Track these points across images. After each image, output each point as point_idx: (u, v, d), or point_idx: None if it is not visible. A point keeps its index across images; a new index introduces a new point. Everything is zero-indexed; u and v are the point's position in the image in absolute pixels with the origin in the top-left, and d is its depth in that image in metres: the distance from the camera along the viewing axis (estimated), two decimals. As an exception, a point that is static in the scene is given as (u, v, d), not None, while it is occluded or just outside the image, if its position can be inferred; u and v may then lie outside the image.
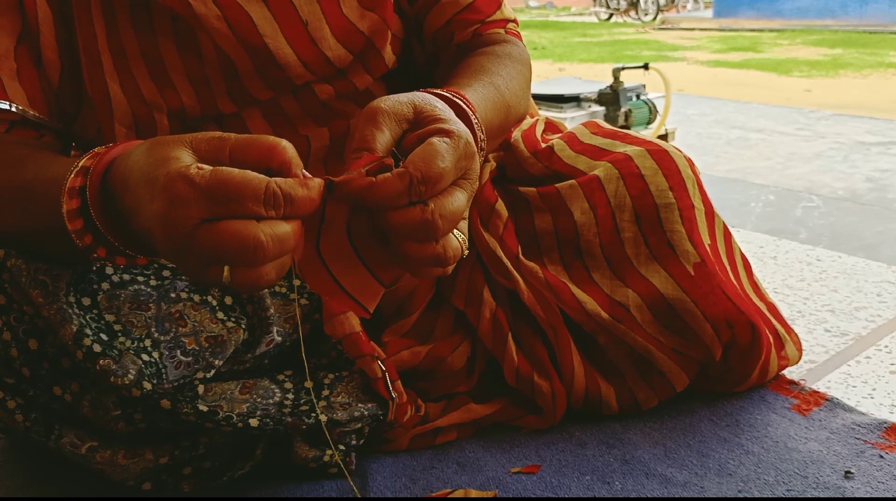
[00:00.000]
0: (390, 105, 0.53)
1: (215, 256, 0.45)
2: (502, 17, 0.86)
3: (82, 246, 0.54)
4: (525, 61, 0.85)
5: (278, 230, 0.46)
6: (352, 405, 0.74)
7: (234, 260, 0.46)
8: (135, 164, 0.49)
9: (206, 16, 0.69)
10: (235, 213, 0.45)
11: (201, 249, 0.45)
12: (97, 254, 0.55)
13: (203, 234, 0.45)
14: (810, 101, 4.23)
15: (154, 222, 0.46)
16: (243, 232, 0.45)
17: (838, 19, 10.78)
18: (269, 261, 0.46)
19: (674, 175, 0.84)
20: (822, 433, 0.83)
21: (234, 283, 0.46)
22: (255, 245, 0.45)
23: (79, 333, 0.63)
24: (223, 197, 0.45)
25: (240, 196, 0.45)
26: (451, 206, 0.50)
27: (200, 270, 0.47)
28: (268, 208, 0.45)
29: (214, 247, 0.45)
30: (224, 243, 0.45)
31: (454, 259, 0.53)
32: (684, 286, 0.81)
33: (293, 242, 0.47)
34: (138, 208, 0.48)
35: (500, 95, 0.75)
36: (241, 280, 0.46)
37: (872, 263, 1.35)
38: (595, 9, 13.95)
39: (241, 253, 0.45)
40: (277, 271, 0.48)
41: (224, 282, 0.46)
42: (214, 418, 0.67)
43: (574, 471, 0.78)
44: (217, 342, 0.70)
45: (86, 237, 0.54)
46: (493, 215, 0.86)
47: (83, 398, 0.67)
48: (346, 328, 0.77)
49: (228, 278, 0.46)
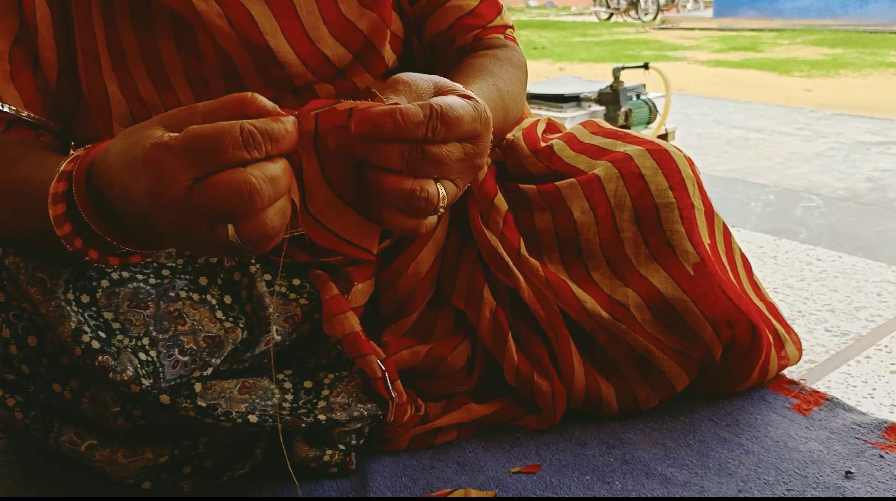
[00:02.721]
0: (411, 77, 0.53)
1: (215, 214, 0.45)
2: (502, 23, 0.87)
3: (72, 250, 0.54)
4: (522, 67, 0.87)
5: (268, 171, 0.46)
6: (351, 406, 0.74)
7: (233, 212, 0.45)
8: (113, 156, 0.49)
9: (208, 13, 0.69)
10: (220, 164, 0.45)
11: (199, 211, 0.45)
12: (88, 257, 0.55)
13: (196, 195, 0.45)
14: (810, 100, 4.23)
15: (146, 200, 0.46)
16: (234, 180, 0.44)
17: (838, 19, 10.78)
18: (268, 205, 0.46)
19: (674, 175, 0.84)
20: (822, 432, 0.83)
21: (242, 238, 0.46)
22: (249, 190, 0.44)
23: (77, 330, 0.63)
24: (203, 151, 0.44)
25: (218, 145, 0.44)
26: (444, 149, 0.50)
27: (205, 236, 0.46)
28: (250, 149, 0.45)
29: (211, 204, 0.45)
30: (219, 197, 0.44)
31: (429, 206, 0.51)
32: (684, 286, 0.81)
33: (286, 180, 0.47)
34: (127, 195, 0.47)
35: (500, 97, 0.75)
36: (247, 233, 0.46)
37: (872, 263, 1.35)
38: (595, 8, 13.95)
39: (238, 201, 0.44)
40: (280, 217, 0.47)
41: (232, 242, 0.46)
42: (213, 413, 0.67)
43: (574, 471, 0.78)
44: (215, 343, 0.70)
45: (75, 241, 0.54)
46: (492, 211, 0.86)
47: (83, 395, 0.67)
48: (346, 328, 0.77)
49: (234, 235, 0.46)
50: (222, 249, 0.47)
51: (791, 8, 11.29)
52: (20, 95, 0.68)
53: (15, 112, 0.68)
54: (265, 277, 0.77)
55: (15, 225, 0.62)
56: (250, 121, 0.46)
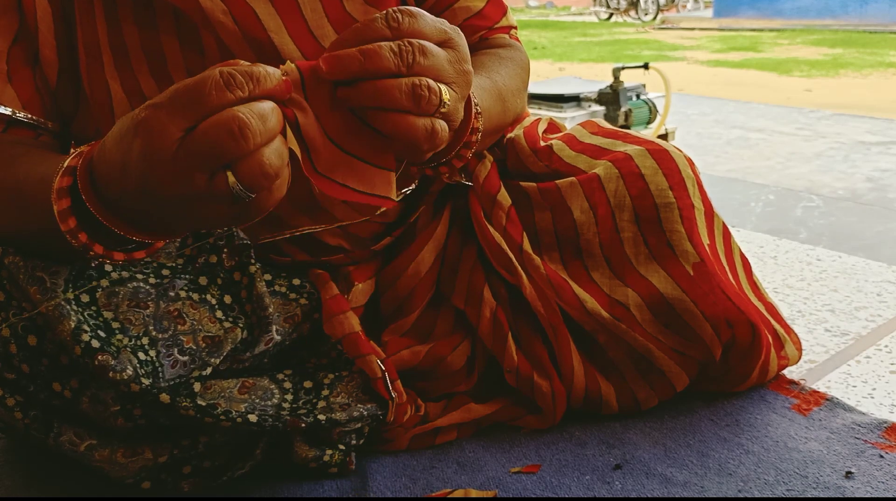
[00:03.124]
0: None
1: (210, 160, 0.45)
2: (507, 24, 0.88)
3: (78, 245, 0.54)
4: (524, 65, 0.87)
5: (255, 107, 0.46)
6: (351, 406, 0.74)
7: (227, 152, 0.45)
8: (109, 139, 0.50)
9: (212, 10, 0.69)
10: (207, 109, 0.45)
11: (195, 160, 0.45)
12: (93, 252, 0.55)
13: (189, 144, 0.45)
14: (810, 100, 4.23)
15: (142, 164, 0.47)
16: (222, 118, 0.45)
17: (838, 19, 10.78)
18: (262, 143, 0.46)
19: (674, 175, 0.84)
20: (822, 432, 0.83)
21: (242, 182, 0.46)
22: (239, 124, 0.45)
23: (76, 329, 0.63)
24: (187, 99, 0.45)
25: (201, 90, 0.45)
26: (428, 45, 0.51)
27: (206, 191, 0.46)
28: (232, 89, 0.46)
29: (204, 149, 0.45)
30: (210, 139, 0.45)
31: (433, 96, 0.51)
32: (684, 286, 0.81)
33: (276, 119, 0.47)
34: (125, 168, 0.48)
35: (496, 88, 0.76)
36: (245, 175, 0.46)
37: (872, 263, 1.35)
38: (595, 8, 13.95)
39: (230, 138, 0.45)
40: (277, 157, 0.47)
41: (233, 189, 0.46)
42: (213, 412, 0.67)
43: (574, 471, 0.78)
44: (214, 343, 0.70)
45: (80, 235, 0.54)
46: (495, 207, 0.86)
47: (83, 394, 0.67)
48: (346, 328, 0.77)
49: (234, 180, 0.46)
50: (226, 205, 0.47)
51: (791, 8, 11.29)
52: (18, 96, 0.68)
53: (11, 113, 0.68)
54: (265, 277, 0.77)
55: (15, 224, 0.62)
56: (227, 65, 0.47)
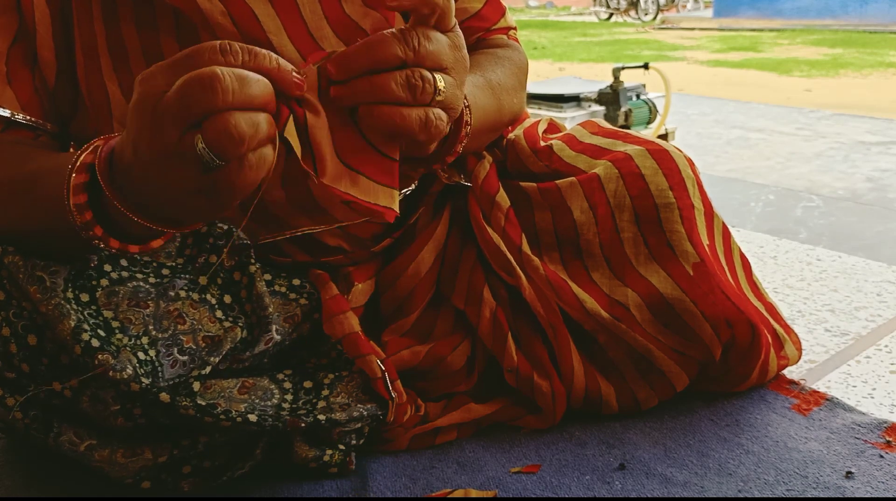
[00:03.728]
0: None
1: (180, 110, 0.46)
2: (506, 25, 0.89)
3: (80, 222, 0.55)
4: (521, 65, 0.87)
5: (236, 70, 0.46)
6: (351, 406, 0.74)
7: (194, 103, 0.45)
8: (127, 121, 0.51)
9: (211, 11, 0.69)
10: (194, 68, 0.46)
11: (170, 109, 0.46)
12: (93, 232, 0.55)
13: (167, 95, 0.46)
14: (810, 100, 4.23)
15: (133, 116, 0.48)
16: (199, 72, 0.46)
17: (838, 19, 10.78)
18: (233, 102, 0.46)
19: (674, 175, 0.84)
20: (822, 432, 0.83)
21: (206, 140, 0.46)
22: (210, 75, 0.45)
23: (77, 328, 0.63)
24: (183, 58, 0.47)
25: (197, 53, 0.47)
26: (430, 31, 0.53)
27: (175, 145, 0.47)
28: (226, 55, 0.47)
29: (179, 98, 0.46)
30: (184, 89, 0.45)
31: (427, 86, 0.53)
32: (683, 286, 0.81)
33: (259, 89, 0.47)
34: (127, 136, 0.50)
35: (489, 85, 0.77)
36: (210, 134, 0.46)
37: (872, 263, 1.35)
38: (595, 8, 13.94)
39: (200, 90, 0.45)
40: (249, 125, 0.46)
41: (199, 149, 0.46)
42: (213, 411, 0.67)
43: (574, 471, 0.78)
44: (214, 343, 0.70)
45: (86, 213, 0.55)
46: (493, 208, 0.86)
47: (83, 393, 0.67)
48: (346, 328, 0.77)
49: (201, 141, 0.46)
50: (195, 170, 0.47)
51: (791, 8, 11.29)
52: (17, 97, 0.68)
53: (10, 115, 0.68)
54: (265, 276, 0.77)
55: (23, 219, 0.62)
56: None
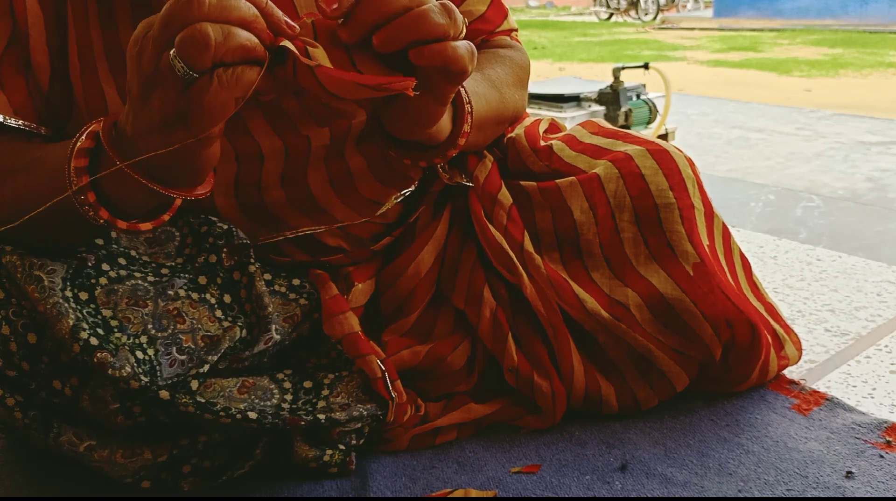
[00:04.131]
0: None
1: (161, 32, 0.48)
2: (508, 27, 0.89)
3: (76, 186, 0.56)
4: (523, 64, 0.88)
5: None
6: (351, 406, 0.74)
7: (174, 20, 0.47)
8: None
9: None
10: None
11: (153, 33, 0.48)
12: (85, 197, 0.56)
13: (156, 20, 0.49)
14: (810, 100, 4.23)
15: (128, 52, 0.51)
16: None
17: (838, 19, 10.78)
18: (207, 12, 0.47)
19: (674, 175, 0.84)
20: (822, 432, 0.83)
21: (177, 50, 0.47)
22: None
23: (75, 327, 0.63)
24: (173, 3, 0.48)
25: None
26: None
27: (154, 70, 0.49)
28: None
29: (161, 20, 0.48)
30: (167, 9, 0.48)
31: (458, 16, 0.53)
32: (683, 287, 0.81)
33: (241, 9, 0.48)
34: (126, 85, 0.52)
35: (489, 80, 0.77)
36: (180, 41, 0.47)
37: (872, 262, 1.35)
38: (595, 8, 13.94)
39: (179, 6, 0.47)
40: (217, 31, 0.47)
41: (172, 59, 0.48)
42: (213, 409, 0.67)
43: (574, 471, 0.78)
44: (213, 342, 0.70)
45: (83, 177, 0.56)
46: (496, 206, 0.86)
47: (83, 392, 0.67)
48: (346, 328, 0.77)
49: (175, 55, 0.48)
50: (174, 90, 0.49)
51: (791, 8, 11.29)
52: (10, 101, 0.68)
53: (3, 120, 0.67)
54: (265, 276, 0.77)
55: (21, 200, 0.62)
56: None
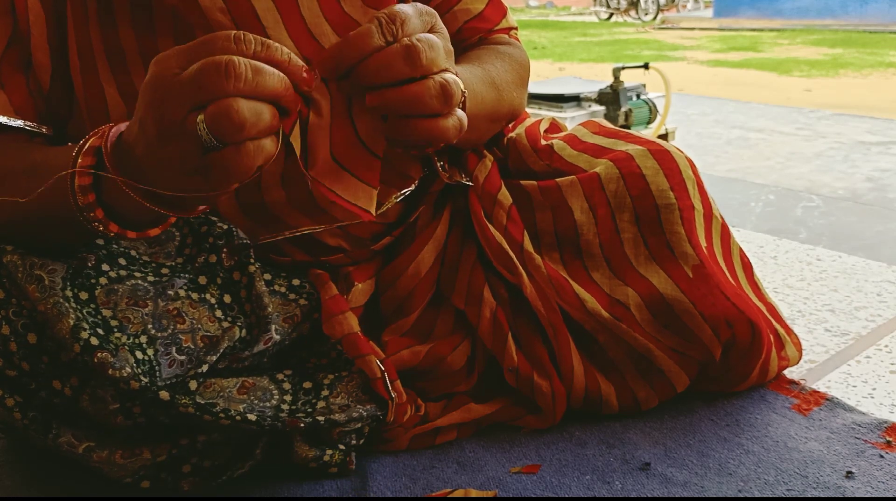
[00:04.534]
0: None
1: (191, 92, 0.47)
2: (507, 26, 0.89)
3: (83, 203, 0.56)
4: (522, 61, 0.87)
5: (254, 62, 0.48)
6: (351, 406, 0.74)
7: (207, 86, 0.47)
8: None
9: (210, 8, 0.69)
10: (210, 54, 0.48)
11: (181, 89, 0.47)
12: (94, 214, 0.56)
13: (182, 74, 0.48)
14: (810, 100, 4.23)
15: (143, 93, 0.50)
16: (216, 58, 0.47)
17: (838, 19, 10.77)
18: (244, 89, 0.47)
19: (675, 175, 0.84)
20: (822, 432, 0.83)
21: (208, 122, 0.47)
22: (226, 62, 0.47)
23: (76, 327, 0.63)
24: (198, 45, 0.48)
25: (212, 40, 0.48)
26: (425, 36, 0.52)
27: (180, 124, 0.48)
28: (239, 44, 0.48)
29: (191, 79, 0.47)
30: (199, 70, 0.47)
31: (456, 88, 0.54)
32: (683, 288, 0.81)
33: (273, 81, 0.48)
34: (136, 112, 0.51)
35: (489, 76, 0.77)
36: (213, 116, 0.47)
37: (872, 262, 1.35)
38: (595, 8, 13.94)
39: (215, 72, 0.46)
40: (252, 114, 0.48)
41: (200, 131, 0.47)
42: (212, 410, 0.67)
43: (574, 471, 0.78)
44: (212, 343, 0.70)
45: (89, 195, 0.56)
46: (495, 206, 0.86)
47: (83, 392, 0.67)
48: (345, 328, 0.77)
49: (203, 122, 0.47)
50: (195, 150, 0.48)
51: (791, 8, 11.28)
52: (11, 101, 0.68)
53: (6, 120, 0.68)
54: (265, 276, 0.77)
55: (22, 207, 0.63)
56: None
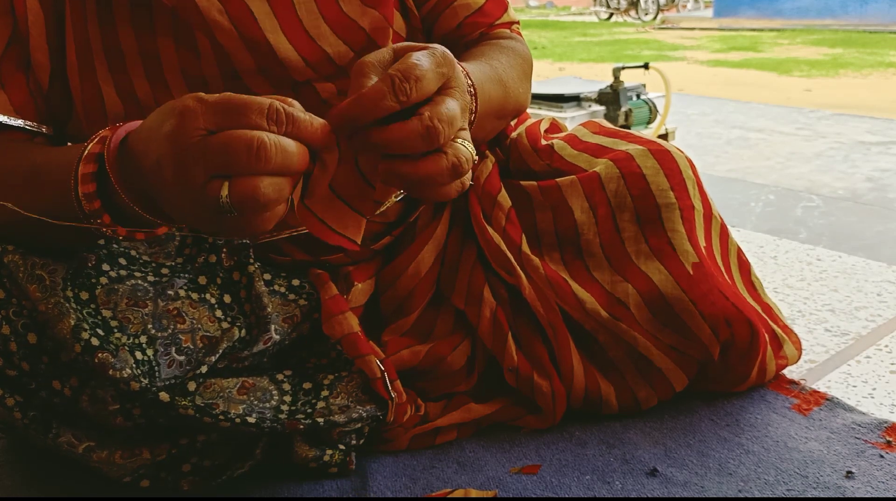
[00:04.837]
0: (374, 56, 0.56)
1: (217, 162, 0.47)
2: (508, 20, 0.89)
3: (90, 210, 0.56)
4: (525, 56, 0.87)
5: (283, 140, 0.48)
6: (351, 407, 0.74)
7: (235, 163, 0.47)
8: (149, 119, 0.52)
9: (208, 9, 0.69)
10: (240, 124, 0.47)
11: (206, 155, 0.47)
12: (101, 220, 0.56)
13: (209, 141, 0.47)
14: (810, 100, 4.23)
15: (164, 143, 0.49)
16: (247, 134, 0.47)
17: (838, 19, 10.77)
18: (271, 169, 0.48)
19: (675, 175, 0.84)
20: (822, 432, 0.83)
21: (231, 196, 0.47)
22: (258, 145, 0.47)
23: (76, 327, 0.63)
24: (229, 109, 0.47)
25: (245, 109, 0.47)
26: (444, 110, 0.52)
27: (201, 187, 0.48)
28: (270, 122, 0.48)
29: (218, 150, 0.47)
30: (228, 145, 0.47)
31: (468, 164, 0.54)
32: (683, 286, 0.81)
33: (297, 159, 0.49)
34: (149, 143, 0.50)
35: (496, 74, 0.76)
36: (238, 192, 0.47)
37: (872, 262, 1.35)
38: (595, 8, 13.94)
39: (245, 152, 0.47)
40: (274, 191, 0.48)
41: (222, 200, 0.48)
42: (212, 412, 0.67)
43: (574, 471, 0.78)
44: (211, 343, 0.70)
45: (95, 202, 0.56)
46: (495, 208, 0.86)
47: (82, 392, 0.67)
48: (345, 328, 0.77)
49: (226, 193, 0.47)
50: (209, 205, 0.49)
51: (791, 8, 11.28)
52: (11, 100, 0.68)
53: (6, 119, 0.68)
54: (265, 276, 0.77)
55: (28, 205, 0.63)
56: (280, 100, 0.49)
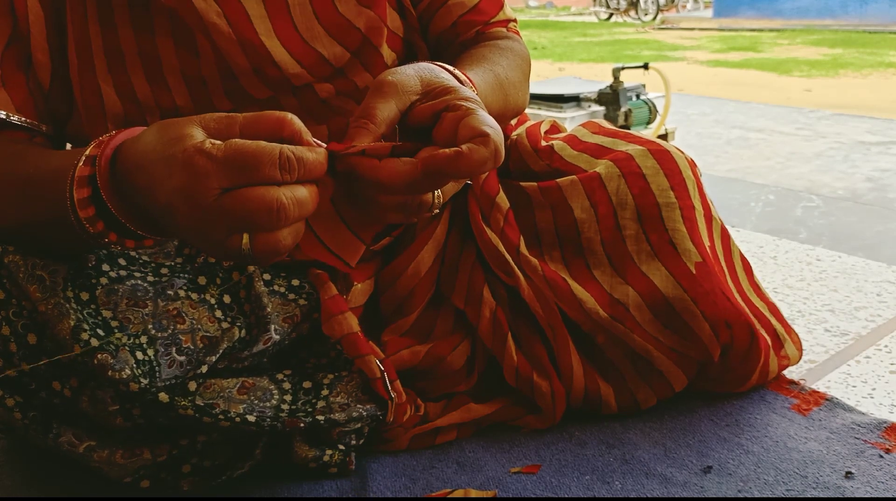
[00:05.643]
0: (398, 78, 0.56)
1: (238, 223, 0.48)
2: (504, 18, 0.88)
3: (94, 232, 0.55)
4: (524, 56, 0.87)
5: (298, 194, 0.49)
6: (351, 406, 0.74)
7: (256, 224, 0.48)
8: (147, 145, 0.50)
9: (206, 11, 0.69)
10: (254, 180, 0.47)
11: (225, 217, 0.47)
12: (108, 239, 0.56)
13: (227, 202, 0.47)
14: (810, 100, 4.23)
15: (175, 196, 0.48)
16: (266, 196, 0.47)
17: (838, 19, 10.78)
18: (290, 224, 0.49)
19: (675, 175, 0.84)
20: (821, 432, 0.83)
21: (254, 250, 0.48)
22: (278, 207, 0.47)
23: (76, 327, 0.63)
24: (241, 165, 0.47)
25: (257, 163, 0.47)
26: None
27: (221, 241, 0.49)
28: (283, 173, 0.48)
29: (238, 213, 0.47)
30: (248, 208, 0.47)
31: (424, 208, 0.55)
32: (685, 285, 0.81)
33: (311, 205, 0.50)
34: (154, 185, 0.49)
35: (498, 81, 0.76)
36: (260, 246, 0.48)
37: (872, 263, 1.35)
38: (595, 8, 13.94)
39: (266, 215, 0.47)
40: (293, 236, 0.50)
41: (244, 250, 0.48)
42: (212, 412, 0.67)
43: (574, 471, 0.78)
44: (211, 344, 0.70)
45: (98, 224, 0.55)
46: (493, 209, 0.86)
47: (82, 393, 0.67)
48: (345, 328, 0.77)
49: (248, 245, 0.48)
50: (230, 255, 0.49)
51: (791, 8, 11.28)
52: (12, 99, 0.68)
53: (6, 117, 0.68)
54: (264, 276, 0.77)
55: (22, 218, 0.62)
56: (289, 147, 0.49)
